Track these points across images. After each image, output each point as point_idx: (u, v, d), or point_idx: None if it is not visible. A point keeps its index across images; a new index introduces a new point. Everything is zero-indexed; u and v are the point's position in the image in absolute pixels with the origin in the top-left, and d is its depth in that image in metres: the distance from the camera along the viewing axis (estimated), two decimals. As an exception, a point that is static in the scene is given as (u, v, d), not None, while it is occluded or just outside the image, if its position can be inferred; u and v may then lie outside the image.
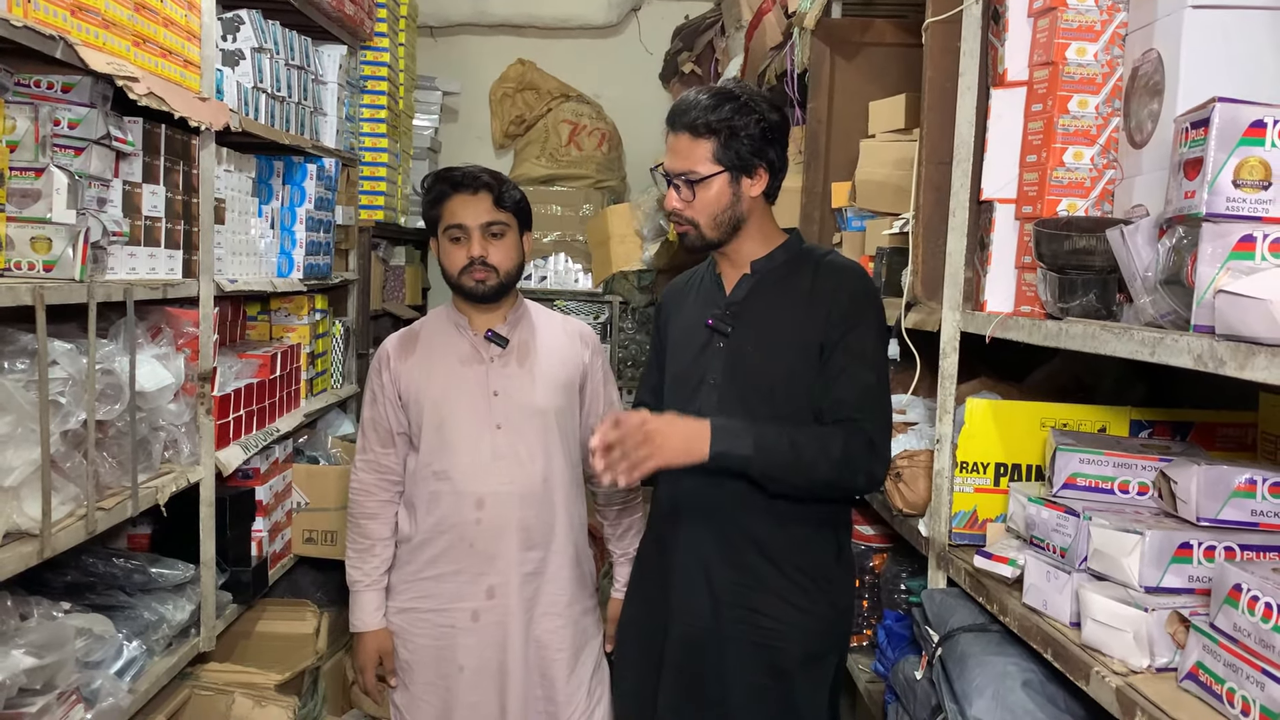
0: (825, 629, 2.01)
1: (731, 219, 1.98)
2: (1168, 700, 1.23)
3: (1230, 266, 1.15)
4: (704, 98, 1.96)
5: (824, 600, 2.00)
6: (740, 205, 1.97)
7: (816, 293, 1.97)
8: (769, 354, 1.97)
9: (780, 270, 2.02)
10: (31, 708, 1.80)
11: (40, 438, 1.78)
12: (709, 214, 1.97)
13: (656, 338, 2.25)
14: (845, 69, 2.91)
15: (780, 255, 2.03)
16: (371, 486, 2.43)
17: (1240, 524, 1.40)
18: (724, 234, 1.99)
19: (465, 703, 2.36)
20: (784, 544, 1.98)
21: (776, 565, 1.98)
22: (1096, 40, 1.69)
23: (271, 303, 3.34)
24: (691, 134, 1.94)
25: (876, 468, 1.93)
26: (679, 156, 1.96)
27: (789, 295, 1.99)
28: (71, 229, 1.90)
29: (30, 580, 2.05)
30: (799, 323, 1.96)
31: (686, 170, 1.95)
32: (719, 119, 1.92)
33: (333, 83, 3.59)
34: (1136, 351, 1.28)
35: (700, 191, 1.95)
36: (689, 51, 5.07)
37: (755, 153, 1.94)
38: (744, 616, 1.98)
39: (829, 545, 2.03)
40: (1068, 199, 1.70)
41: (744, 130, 1.92)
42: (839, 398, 1.92)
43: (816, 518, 2.00)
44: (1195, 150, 1.22)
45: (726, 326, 2.01)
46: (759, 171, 1.96)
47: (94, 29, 1.94)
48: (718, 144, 1.93)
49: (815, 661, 2.01)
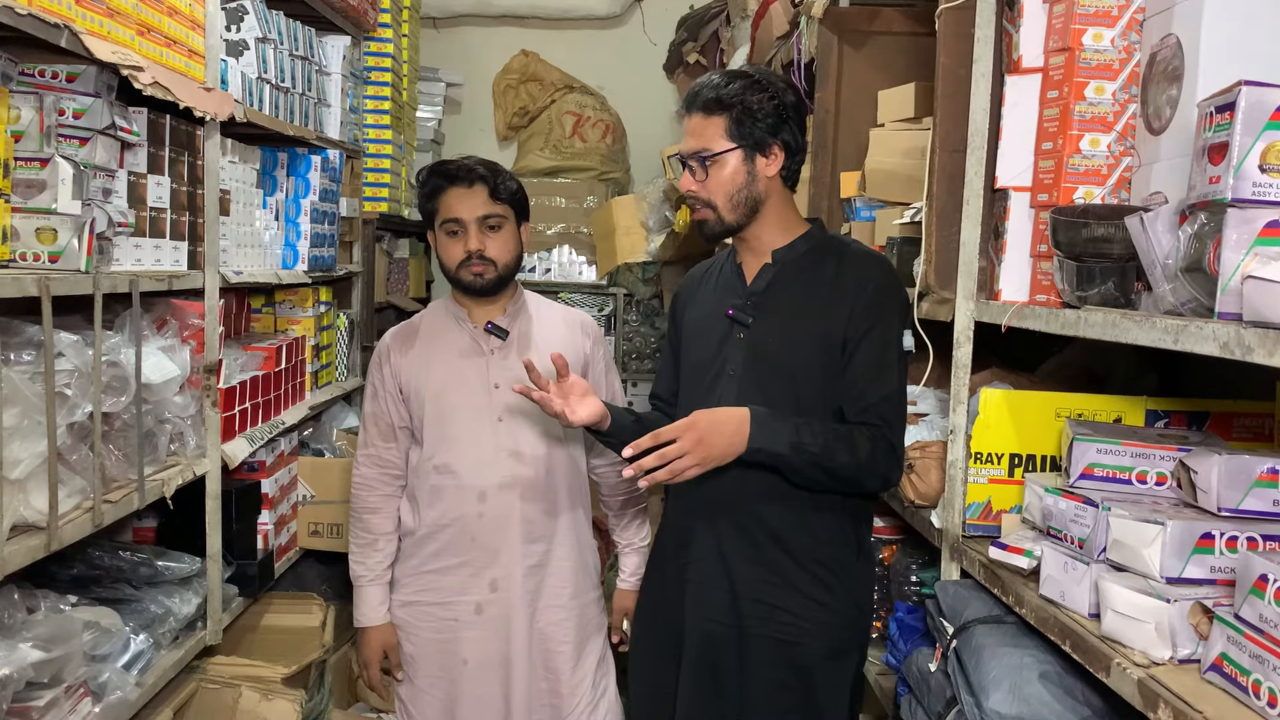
0: (846, 624, 1.99)
1: (748, 199, 1.95)
2: (1191, 692, 1.22)
3: (1257, 252, 1.13)
4: (717, 77, 1.95)
5: (846, 596, 1.98)
6: (756, 185, 1.94)
7: (840, 284, 1.94)
8: (790, 346, 1.95)
9: (803, 260, 1.99)
10: (39, 701, 1.79)
11: (47, 430, 1.77)
12: (725, 193, 1.94)
13: (672, 329, 2.22)
14: (853, 58, 2.88)
15: (802, 245, 2.00)
16: (373, 481, 2.42)
17: (1262, 514, 1.38)
18: (742, 216, 1.96)
19: (470, 695, 2.35)
20: (805, 540, 1.96)
21: (798, 561, 1.96)
22: (1114, 25, 1.67)
23: (276, 295, 3.32)
24: (705, 112, 1.93)
25: (894, 472, 1.94)
26: (692, 136, 1.95)
27: (812, 286, 1.96)
28: (77, 220, 1.88)
29: (37, 573, 2.04)
30: (822, 315, 1.93)
31: (700, 149, 1.93)
32: (731, 94, 1.91)
33: (336, 74, 3.56)
34: (1159, 340, 1.27)
35: (714, 170, 1.93)
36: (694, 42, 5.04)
37: (770, 131, 1.92)
38: (765, 613, 1.96)
39: (849, 541, 2.00)
40: (1084, 186, 1.68)
41: (758, 107, 1.90)
42: (864, 400, 1.91)
43: (838, 513, 1.98)
44: (1220, 135, 1.20)
45: (747, 317, 1.98)
46: (774, 150, 1.94)
47: (99, 18, 1.93)
48: (730, 120, 1.91)
49: (836, 658, 1.98)
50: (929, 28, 2.12)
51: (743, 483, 1.93)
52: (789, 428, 1.84)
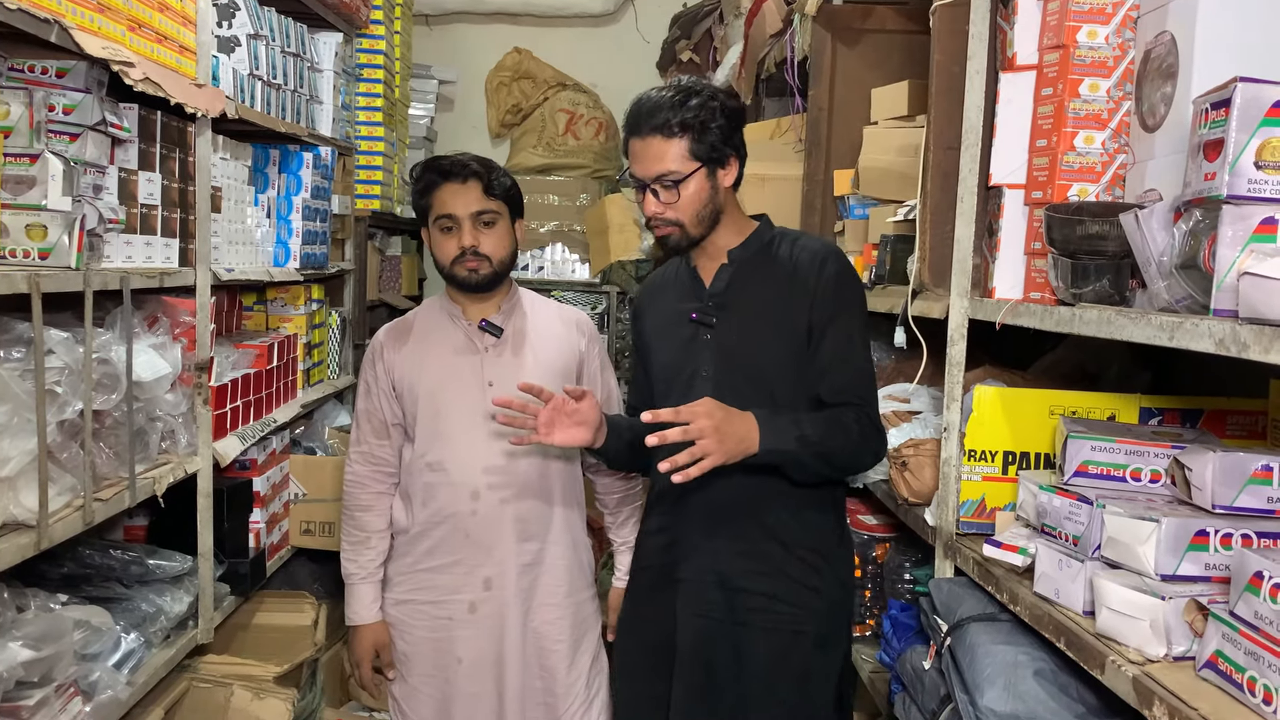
0: (835, 607, 2.05)
1: (712, 212, 1.99)
2: (1186, 689, 1.21)
3: (1253, 248, 1.13)
4: (666, 96, 1.94)
5: (833, 578, 2.04)
6: (718, 197, 1.99)
7: (797, 275, 1.98)
8: (757, 341, 1.99)
9: (757, 257, 2.03)
10: (29, 700, 1.78)
11: (37, 427, 1.75)
12: (692, 212, 1.97)
13: (636, 338, 2.25)
14: (847, 56, 2.89)
15: (754, 242, 2.05)
16: (366, 478, 2.41)
17: (1256, 511, 1.38)
18: (705, 229, 2.00)
19: (464, 694, 2.34)
20: (795, 528, 2.01)
21: (788, 549, 2.00)
22: (1108, 23, 1.67)
23: (268, 292, 3.31)
24: (664, 135, 1.93)
25: (881, 446, 2.01)
26: (653, 160, 1.94)
27: (770, 281, 2.00)
28: (67, 216, 1.87)
29: (26, 572, 2.03)
30: (783, 307, 1.98)
31: (664, 172, 1.94)
32: (689, 115, 1.92)
33: (329, 71, 3.55)
34: (1154, 336, 1.26)
35: (682, 191, 1.95)
36: (687, 40, 5.03)
37: (725, 142, 1.96)
38: (760, 603, 1.99)
39: (833, 526, 2.08)
40: (1078, 184, 1.68)
41: (713, 122, 1.93)
42: (838, 384, 1.96)
43: (820, 500, 2.04)
44: (1216, 131, 1.20)
45: (711, 318, 2.02)
46: (731, 161, 1.98)
47: (89, 13, 1.91)
48: (691, 140, 1.93)
49: (825, 646, 2.02)
50: (922, 25, 2.12)
51: (732, 478, 1.93)
52: (789, 422, 1.88)
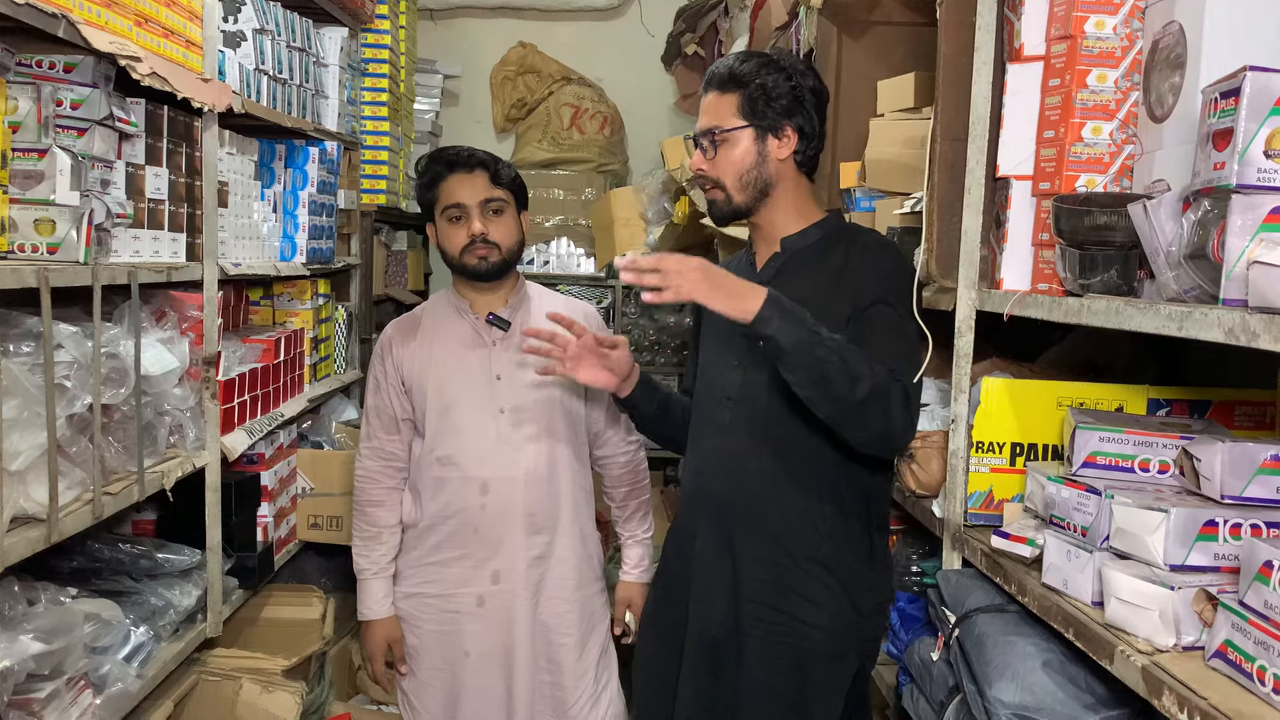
0: (844, 628, 1.92)
1: (758, 180, 1.92)
2: (1195, 679, 1.21)
3: (1262, 238, 1.12)
4: (735, 55, 1.95)
5: (843, 598, 1.91)
6: (767, 167, 1.92)
7: (847, 272, 1.90)
8: None
9: (812, 249, 1.96)
10: (40, 693, 1.79)
11: (46, 422, 1.76)
12: (734, 172, 1.92)
13: (693, 322, 2.24)
14: (852, 48, 2.87)
15: (814, 233, 1.97)
16: (376, 474, 2.41)
17: (1265, 501, 1.38)
18: (751, 197, 1.94)
19: (472, 687, 2.35)
20: (807, 539, 1.91)
21: (795, 560, 1.91)
22: (1116, 13, 1.66)
23: (274, 287, 3.31)
24: (719, 90, 1.92)
25: (903, 416, 1.78)
26: (706, 114, 1.94)
27: (819, 276, 1.92)
28: (75, 211, 1.87)
29: (37, 566, 2.03)
30: (826, 303, 1.85)
31: (711, 126, 1.92)
32: (745, 72, 1.90)
33: (334, 65, 3.55)
34: (1163, 326, 1.26)
35: (723, 148, 1.91)
36: (692, 33, 5.02)
37: (783, 113, 1.90)
38: (762, 614, 1.92)
39: (859, 542, 1.94)
40: (1086, 175, 1.68)
41: (772, 86, 1.89)
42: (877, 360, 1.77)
43: (846, 515, 1.92)
44: (1225, 120, 1.20)
45: None
46: (786, 132, 1.91)
47: (96, 8, 1.92)
48: (743, 98, 1.90)
49: (832, 661, 1.93)
50: (928, 17, 2.11)
51: (750, 481, 1.92)
52: (810, 319, 1.73)
